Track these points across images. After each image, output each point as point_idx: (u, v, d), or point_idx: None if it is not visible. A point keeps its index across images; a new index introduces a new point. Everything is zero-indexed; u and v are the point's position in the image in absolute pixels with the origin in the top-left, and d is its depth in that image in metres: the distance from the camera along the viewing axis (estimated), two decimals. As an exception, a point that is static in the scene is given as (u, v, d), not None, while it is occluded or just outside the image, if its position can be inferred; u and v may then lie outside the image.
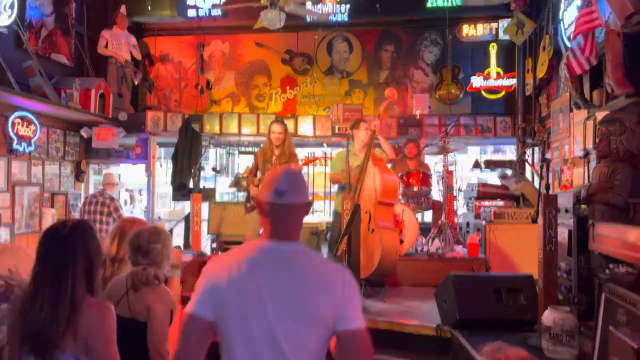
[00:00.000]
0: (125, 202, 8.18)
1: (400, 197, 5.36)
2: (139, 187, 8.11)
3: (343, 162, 4.93)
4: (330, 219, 7.02)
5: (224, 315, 1.52)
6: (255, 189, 5.15)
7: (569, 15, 5.44)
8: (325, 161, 7.25)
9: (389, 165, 5.04)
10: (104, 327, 1.84)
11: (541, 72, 6.25)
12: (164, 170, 7.37)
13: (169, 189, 7.29)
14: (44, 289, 1.80)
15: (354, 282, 1.61)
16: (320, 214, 7.19)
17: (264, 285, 1.51)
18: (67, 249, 1.83)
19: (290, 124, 7.28)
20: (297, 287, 1.52)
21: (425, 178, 5.60)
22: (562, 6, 5.63)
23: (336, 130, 7.14)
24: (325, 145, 7.59)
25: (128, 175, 8.14)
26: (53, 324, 1.77)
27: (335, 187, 6.36)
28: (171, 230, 6.82)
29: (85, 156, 7.15)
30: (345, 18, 7.65)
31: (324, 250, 6.20)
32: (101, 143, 6.95)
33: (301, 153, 7.78)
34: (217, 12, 7.81)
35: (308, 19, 7.61)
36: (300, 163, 5.28)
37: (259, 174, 5.28)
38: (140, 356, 2.26)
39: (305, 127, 7.29)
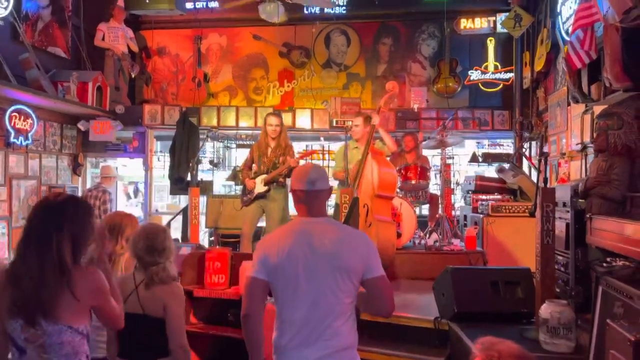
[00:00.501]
0: (128, 195, 8.19)
1: (398, 190, 5.37)
2: (136, 180, 8.11)
3: (342, 158, 4.94)
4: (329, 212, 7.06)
5: (279, 276, 2.00)
6: (251, 183, 5.16)
7: (566, 9, 5.43)
8: (323, 155, 7.26)
9: (389, 159, 5.05)
10: (99, 287, 1.88)
11: (539, 66, 6.25)
12: (161, 163, 7.35)
13: (166, 183, 7.29)
14: (30, 253, 1.81)
15: (373, 242, 2.10)
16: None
17: (308, 250, 1.99)
18: (53, 216, 1.85)
19: (287, 117, 7.28)
20: (333, 248, 1.99)
21: (423, 171, 5.60)
22: (560, 0, 5.63)
23: (334, 124, 7.14)
24: (322, 138, 7.59)
25: (125, 168, 8.14)
26: (43, 288, 1.77)
27: (332, 181, 6.36)
28: (169, 224, 6.84)
29: (83, 149, 7.13)
30: (343, 11, 7.63)
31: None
32: (98, 136, 6.93)
33: (299, 146, 7.81)
34: (214, 4, 7.78)
35: (306, 11, 7.58)
36: (296, 155, 5.27)
37: (254, 167, 5.29)
38: (154, 350, 2.31)
39: (303, 120, 7.29)
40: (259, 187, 5.15)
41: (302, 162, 7.17)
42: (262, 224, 5.43)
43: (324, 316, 1.95)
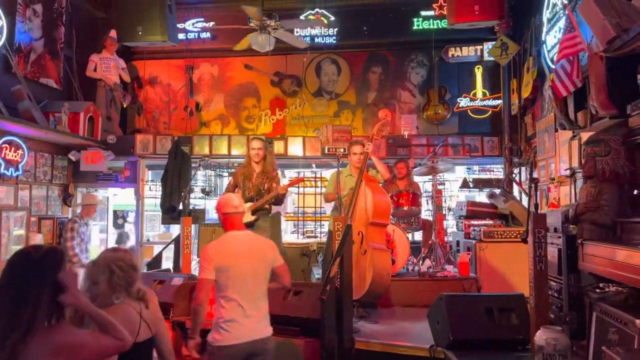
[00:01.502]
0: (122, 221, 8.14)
1: (391, 217, 5.39)
2: (128, 209, 8.07)
3: (335, 183, 4.97)
4: (319, 239, 7.06)
5: (222, 275, 2.92)
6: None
7: (551, 38, 5.59)
8: (315, 182, 7.29)
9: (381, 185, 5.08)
10: (59, 347, 1.78)
11: (526, 93, 6.39)
12: (153, 192, 7.33)
13: (158, 212, 7.25)
14: (2, 308, 1.74)
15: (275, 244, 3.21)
16: (310, 235, 7.17)
17: (247, 252, 3.02)
18: (33, 272, 1.79)
19: (280, 145, 7.34)
20: (258, 250, 3.08)
21: (415, 198, 5.64)
22: (544, 29, 5.79)
23: (326, 151, 7.19)
24: (314, 166, 7.63)
25: (117, 198, 8.11)
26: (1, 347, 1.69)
27: (328, 207, 6.39)
28: (160, 253, 6.78)
29: (74, 180, 7.10)
30: (334, 40, 7.77)
31: (315, 271, 6.19)
32: (89, 166, 6.91)
33: (289, 174, 7.85)
34: (206, 35, 7.90)
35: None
36: (282, 183, 5.19)
37: (237, 192, 5.25)
38: None
39: (295, 148, 7.34)
40: (246, 216, 5.02)
41: (291, 189, 7.29)
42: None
43: (261, 295, 3.02)
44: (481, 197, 7.28)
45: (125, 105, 7.49)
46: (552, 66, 5.31)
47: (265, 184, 5.11)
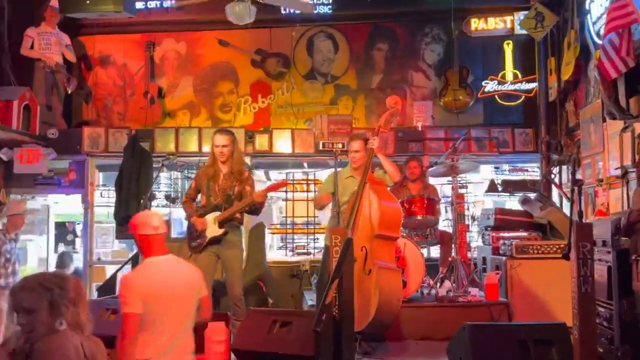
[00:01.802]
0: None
1: (402, 228, 5.40)
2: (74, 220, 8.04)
3: (330, 186, 4.97)
4: (313, 257, 7.05)
5: (145, 309, 3.09)
6: (201, 222, 4.98)
7: (596, 7, 5.64)
8: (307, 185, 7.30)
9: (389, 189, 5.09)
10: None
11: (566, 74, 6.42)
12: (105, 200, 7.29)
13: (111, 224, 7.21)
14: None
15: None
16: (302, 251, 7.17)
17: (167, 284, 3.21)
18: None
19: (263, 139, 7.33)
20: (184, 278, 3.32)
21: (431, 204, 5.66)
22: (588, -4, 5.83)
23: (320, 147, 7.20)
24: (306, 165, 7.63)
25: (60, 207, 8.06)
26: None
27: (324, 217, 6.37)
28: (113, 276, 6.74)
29: (5, 184, 7.05)
30: (329, 11, 7.78)
31: (308, 297, 6.19)
32: (25, 167, 6.86)
33: (275, 175, 7.84)
34: (169, 4, 7.87)
35: (283, 11, 7.72)
36: (259, 188, 5.13)
37: (201, 198, 5.22)
38: None
39: (282, 143, 7.33)
40: (213, 229, 4.98)
41: (276, 194, 7.24)
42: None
43: (188, 329, 3.27)
44: (512, 203, 7.29)
45: (69, 92, 7.45)
46: (599, 41, 5.34)
47: (235, 187, 5.08)
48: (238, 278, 5.03)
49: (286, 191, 7.28)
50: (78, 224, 8.02)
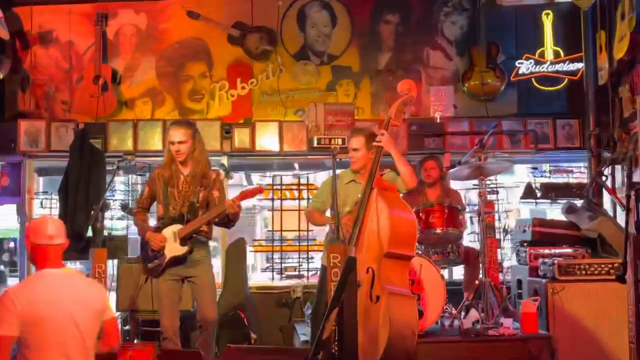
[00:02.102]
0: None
1: (417, 244, 5.38)
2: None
3: (327, 195, 4.95)
4: (306, 281, 7.03)
5: (31, 331, 3.12)
6: (158, 239, 4.94)
7: (658, -32, 5.64)
8: (299, 191, 7.28)
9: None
10: None
11: (620, 52, 6.41)
12: (47, 211, 7.26)
13: (54, 241, 7.18)
14: None
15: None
16: (293, 274, 7.16)
17: (61, 302, 3.23)
18: None
19: (243, 134, 7.32)
20: (83, 296, 3.35)
21: (452, 214, 5.65)
22: (647, -46, 5.84)
23: (315, 144, 7.19)
24: (297, 166, 7.61)
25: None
26: None
27: (318, 231, 6.35)
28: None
29: None
30: (325, -26, 7.80)
31: (300, 331, 6.17)
32: (-54, 171, 6.85)
33: (258, 180, 7.82)
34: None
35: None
36: (230, 196, 5.10)
37: (157, 207, 5.20)
38: None
39: (267, 139, 7.33)
40: (173, 247, 4.93)
41: (254, 202, 7.19)
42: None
43: (84, 358, 3.28)
44: (554, 212, 7.28)
45: (1, 76, 7.42)
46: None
47: (199, 192, 5.06)
48: (211, 296, 5.04)
49: (272, 199, 7.28)
50: (11, 240, 7.97)
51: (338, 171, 5.05)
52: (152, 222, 5.27)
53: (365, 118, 7.51)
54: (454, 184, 6.88)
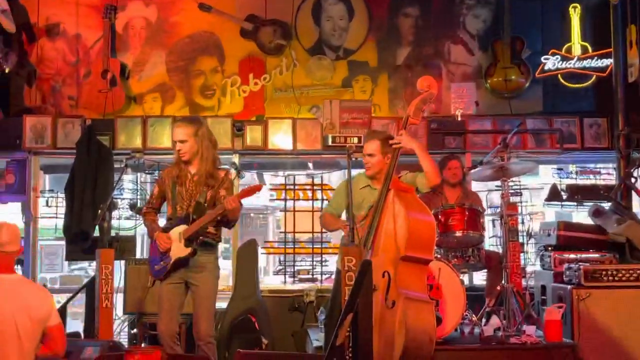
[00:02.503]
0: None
1: (436, 248, 5.37)
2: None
3: (344, 195, 4.95)
4: (320, 285, 7.04)
5: None
6: (165, 239, 4.94)
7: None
8: (313, 191, 7.28)
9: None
10: None
11: (651, 47, 6.38)
12: (53, 210, 7.31)
13: (61, 241, 7.23)
14: None
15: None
16: (306, 277, 7.17)
17: (3, 307, 3.48)
18: None
19: (255, 132, 7.34)
20: (26, 301, 3.57)
21: (473, 217, 5.63)
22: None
23: (329, 142, 7.19)
24: (311, 166, 7.61)
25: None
26: None
27: (333, 233, 6.36)
28: (64, 308, 6.75)
29: None
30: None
31: (314, 336, 6.18)
32: (-50, 167, 6.91)
33: (270, 179, 7.83)
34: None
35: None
36: (235, 191, 5.11)
37: (168, 208, 5.20)
38: None
39: (280, 137, 7.35)
40: (178, 248, 4.92)
41: (265, 203, 7.15)
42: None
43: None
44: (581, 215, 7.24)
45: (7, 70, 7.47)
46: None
47: (207, 192, 5.06)
48: (206, 311, 4.96)
49: (285, 199, 7.28)
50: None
51: (354, 172, 5.04)
52: (163, 222, 5.28)
53: (383, 115, 7.51)
54: (476, 185, 6.86)
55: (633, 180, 6.97)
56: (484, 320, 5.53)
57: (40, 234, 7.44)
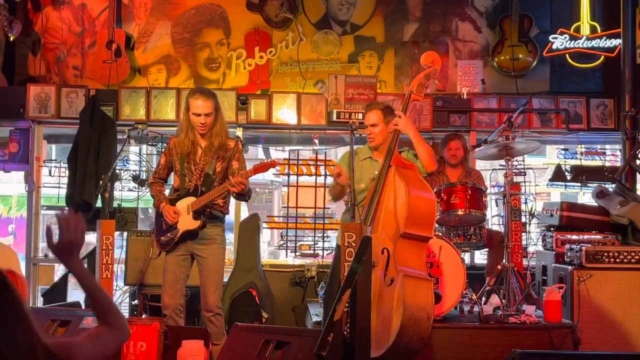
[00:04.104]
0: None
1: (437, 225, 5.36)
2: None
3: (347, 165, 4.94)
4: (321, 260, 7.05)
5: None
6: (171, 212, 4.96)
7: None
8: (317, 167, 7.28)
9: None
10: None
11: (661, 28, 6.32)
12: (55, 179, 7.32)
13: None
14: None
15: None
16: (308, 253, 7.18)
17: None
18: None
19: (260, 106, 7.32)
20: None
21: (476, 196, 5.62)
22: None
23: (334, 117, 7.17)
24: (316, 141, 7.60)
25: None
26: None
27: (336, 209, 6.36)
28: (65, 278, 6.78)
29: None
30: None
31: (313, 311, 6.20)
32: (-47, 135, 6.92)
33: (275, 154, 7.82)
34: None
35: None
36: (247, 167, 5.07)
37: (174, 179, 5.20)
38: None
39: (285, 112, 7.33)
40: (186, 221, 4.95)
41: (271, 177, 7.17)
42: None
43: None
44: (585, 196, 7.22)
45: (12, 39, 7.46)
46: None
47: (215, 164, 5.04)
48: (214, 283, 5.01)
49: (288, 174, 7.27)
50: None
51: (356, 146, 5.03)
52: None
53: (388, 92, 7.48)
54: (480, 164, 6.83)
55: (638, 162, 6.95)
56: (483, 299, 5.54)
57: (43, 203, 7.45)
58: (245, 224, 6.89)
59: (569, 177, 7.21)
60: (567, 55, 7.52)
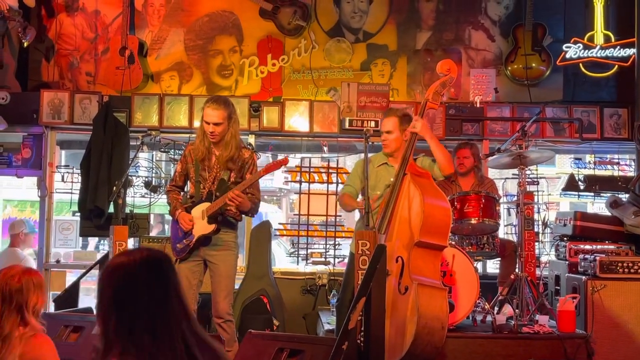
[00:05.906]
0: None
1: (451, 235, 5.35)
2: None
3: (359, 178, 4.94)
4: (333, 267, 7.05)
5: None
6: (187, 219, 5.00)
7: None
8: (328, 174, 7.27)
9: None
10: None
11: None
12: (68, 185, 7.34)
13: (75, 217, 7.28)
14: None
15: None
16: (319, 260, 7.17)
17: None
18: None
19: (272, 113, 7.32)
20: None
21: (489, 205, 5.61)
22: None
23: (346, 125, 7.17)
24: (326, 149, 7.60)
25: (9, 192, 8.13)
26: None
27: (347, 216, 6.35)
28: (78, 283, 6.79)
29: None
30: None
31: (325, 319, 6.19)
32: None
33: (289, 160, 7.82)
34: None
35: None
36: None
37: (189, 186, 5.23)
38: None
39: (297, 119, 7.33)
40: (201, 226, 4.98)
41: (281, 185, 7.17)
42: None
43: None
44: (598, 206, 7.20)
45: (26, 45, 7.49)
46: None
47: (231, 173, 5.07)
48: (225, 289, 5.02)
49: (300, 181, 7.27)
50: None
51: (370, 154, 5.03)
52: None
53: (401, 100, 7.47)
54: (492, 173, 6.82)
55: (652, 172, 6.95)
56: (496, 308, 5.53)
57: (56, 208, 7.47)
58: (257, 231, 6.89)
59: (582, 187, 7.19)
60: (580, 64, 7.50)
